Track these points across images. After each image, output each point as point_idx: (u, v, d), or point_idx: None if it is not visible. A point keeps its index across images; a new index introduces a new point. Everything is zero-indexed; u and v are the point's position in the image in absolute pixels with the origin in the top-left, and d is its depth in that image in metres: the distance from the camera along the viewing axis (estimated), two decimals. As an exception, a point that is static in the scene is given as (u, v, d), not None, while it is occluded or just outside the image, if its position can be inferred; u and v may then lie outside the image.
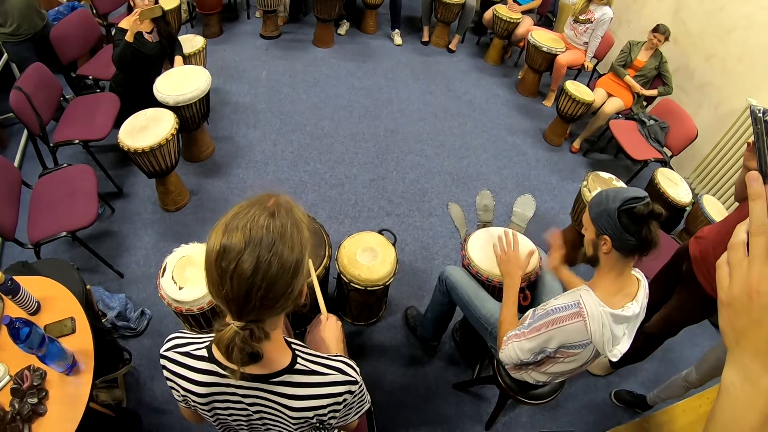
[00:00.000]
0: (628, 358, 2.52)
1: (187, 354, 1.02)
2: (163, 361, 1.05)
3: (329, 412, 1.06)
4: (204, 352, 1.01)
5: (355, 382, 1.07)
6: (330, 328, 1.53)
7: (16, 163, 3.27)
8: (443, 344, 2.70)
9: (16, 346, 1.47)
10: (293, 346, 1.06)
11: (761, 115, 0.53)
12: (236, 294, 0.82)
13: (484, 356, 2.56)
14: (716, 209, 3.21)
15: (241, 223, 0.82)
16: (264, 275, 0.81)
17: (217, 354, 0.97)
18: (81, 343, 1.70)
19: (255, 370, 0.96)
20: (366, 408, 1.22)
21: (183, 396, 1.05)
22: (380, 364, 2.58)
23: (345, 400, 1.06)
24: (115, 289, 2.65)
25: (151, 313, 2.60)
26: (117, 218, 3.06)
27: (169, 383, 1.05)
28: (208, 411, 1.07)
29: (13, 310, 1.74)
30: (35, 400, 1.52)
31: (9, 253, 2.79)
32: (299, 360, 1.03)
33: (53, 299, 1.82)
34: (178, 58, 3.21)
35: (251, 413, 1.05)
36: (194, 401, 1.05)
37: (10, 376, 1.58)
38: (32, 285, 1.81)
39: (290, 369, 1.01)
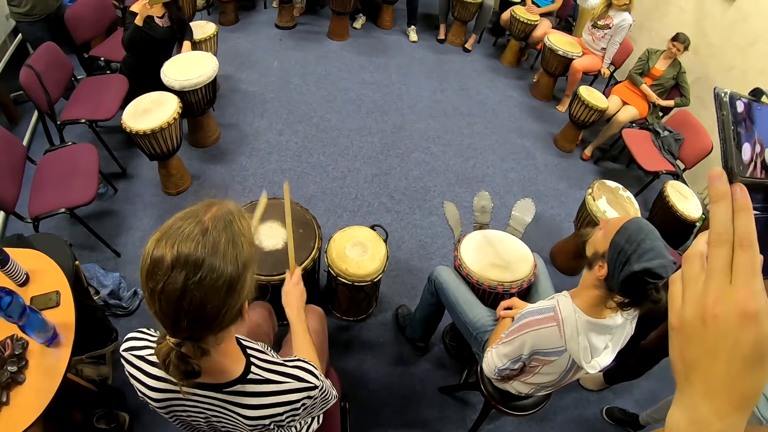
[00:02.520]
0: (623, 374, 2.49)
1: (142, 358, 1.02)
2: (122, 360, 1.05)
3: (287, 417, 1.05)
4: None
5: (313, 388, 1.06)
6: (288, 292, 1.46)
7: (25, 139, 3.34)
8: (432, 346, 2.67)
9: (-1, 315, 1.49)
10: (249, 352, 1.05)
11: (727, 99, 0.43)
12: (165, 314, 0.80)
13: (472, 361, 2.53)
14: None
15: (172, 237, 0.79)
16: (192, 298, 0.78)
17: None
18: (64, 316, 1.72)
19: (207, 379, 0.96)
20: (332, 403, 1.21)
21: (141, 397, 1.05)
22: (366, 361, 2.57)
23: (304, 405, 1.06)
24: (110, 268, 2.67)
25: (143, 294, 2.62)
26: (119, 198, 3.10)
27: (131, 381, 1.05)
28: (167, 414, 1.08)
29: (5, 281, 1.76)
30: (15, 369, 1.55)
31: (12, 227, 2.83)
32: (253, 369, 1.02)
33: (42, 272, 1.85)
34: (186, 44, 3.23)
35: (209, 416, 1.05)
36: (152, 405, 1.05)
37: (-6, 344, 1.61)
38: (23, 257, 1.84)
39: (243, 379, 1.00)
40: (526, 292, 2.16)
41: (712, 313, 0.40)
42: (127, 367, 1.03)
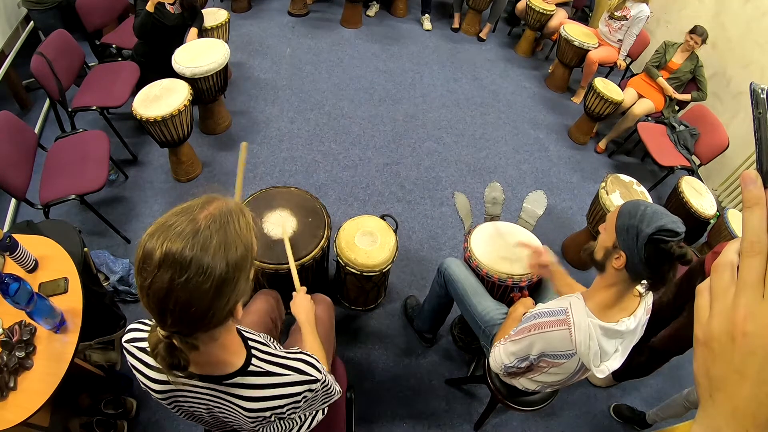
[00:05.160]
0: (632, 372, 2.47)
1: (143, 350, 1.01)
2: (124, 351, 1.05)
3: (288, 410, 1.05)
4: None
5: (314, 381, 1.05)
6: (298, 304, 1.54)
7: (37, 126, 3.35)
8: (441, 338, 2.66)
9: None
10: (250, 344, 1.04)
11: (764, 96, 0.39)
12: (152, 309, 0.80)
13: (480, 354, 2.52)
14: (741, 225, 3.06)
15: (164, 234, 0.77)
16: (177, 299, 0.76)
17: None
18: (71, 302, 1.74)
19: (207, 371, 0.96)
20: (335, 398, 1.21)
21: (144, 388, 1.05)
22: (374, 351, 2.56)
23: (305, 398, 1.05)
24: (120, 254, 2.69)
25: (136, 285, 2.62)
26: (129, 185, 3.11)
27: (133, 371, 1.05)
28: (170, 404, 1.08)
29: (14, 268, 1.78)
30: (22, 354, 1.56)
31: (23, 214, 2.85)
32: (253, 361, 1.01)
33: (50, 258, 1.86)
34: (192, 30, 3.20)
35: (211, 407, 1.05)
36: (154, 396, 1.05)
37: (3, 329, 1.62)
38: (32, 244, 1.85)
39: (243, 371, 0.99)
40: (536, 286, 2.14)
41: (742, 329, 0.38)
42: (129, 358, 1.03)
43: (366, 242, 2.30)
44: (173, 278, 0.75)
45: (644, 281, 1.38)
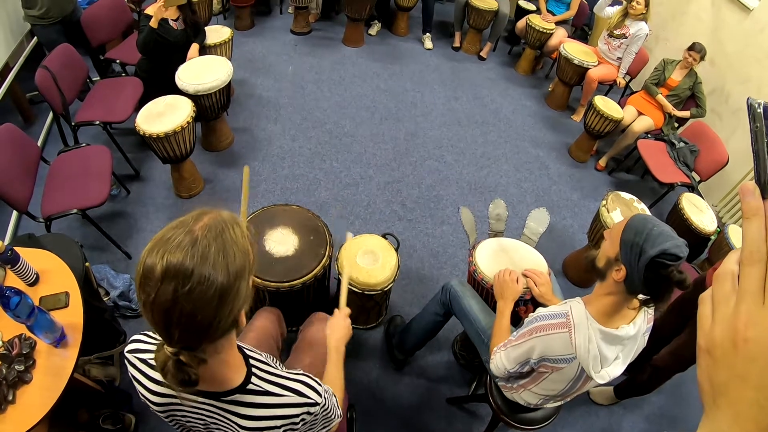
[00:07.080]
0: (634, 389, 2.46)
1: (144, 362, 1.01)
2: (125, 361, 1.05)
3: (285, 431, 1.04)
4: None
5: (314, 404, 1.04)
6: (334, 325, 1.56)
7: (40, 140, 3.37)
8: (442, 356, 2.64)
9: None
10: (251, 362, 1.04)
11: (761, 110, 0.41)
12: (158, 324, 0.80)
13: (482, 371, 2.50)
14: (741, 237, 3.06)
15: (162, 248, 0.78)
16: (182, 310, 0.77)
17: None
18: (72, 317, 1.73)
19: (206, 387, 0.95)
20: (335, 422, 1.19)
21: (143, 399, 1.05)
22: (374, 370, 2.54)
23: (303, 420, 1.04)
24: (121, 269, 2.68)
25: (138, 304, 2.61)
26: (131, 200, 3.11)
27: (133, 382, 1.05)
28: (167, 417, 1.07)
29: (15, 281, 1.78)
30: (22, 368, 1.55)
31: (25, 227, 2.85)
32: (253, 380, 1.01)
33: (51, 272, 1.85)
34: (193, 46, 3.21)
35: (208, 423, 1.05)
36: (152, 408, 1.05)
37: (3, 342, 1.61)
38: (33, 257, 1.84)
39: (242, 389, 0.99)
40: (536, 306, 2.14)
41: (743, 336, 0.38)
42: (130, 368, 1.03)
43: (367, 261, 2.30)
44: (176, 289, 0.76)
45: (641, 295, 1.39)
